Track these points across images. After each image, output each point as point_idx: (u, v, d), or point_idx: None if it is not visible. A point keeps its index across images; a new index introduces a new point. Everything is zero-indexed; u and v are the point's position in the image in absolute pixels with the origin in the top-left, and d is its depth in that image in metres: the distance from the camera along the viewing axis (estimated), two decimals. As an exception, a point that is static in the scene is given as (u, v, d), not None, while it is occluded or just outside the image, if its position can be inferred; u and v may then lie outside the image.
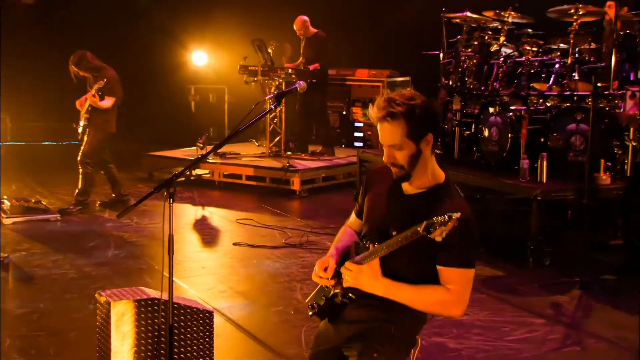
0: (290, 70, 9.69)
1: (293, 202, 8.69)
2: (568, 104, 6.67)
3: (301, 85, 3.47)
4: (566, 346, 4.44)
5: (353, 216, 3.00)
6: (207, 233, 7.13)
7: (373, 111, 2.55)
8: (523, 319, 4.88)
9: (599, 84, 6.35)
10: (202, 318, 3.86)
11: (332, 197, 8.96)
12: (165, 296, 3.51)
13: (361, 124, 11.14)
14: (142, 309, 3.70)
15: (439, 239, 2.29)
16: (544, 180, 6.33)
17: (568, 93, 6.68)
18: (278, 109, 9.95)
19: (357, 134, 11.16)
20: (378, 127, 2.56)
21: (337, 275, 2.68)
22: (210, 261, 6.23)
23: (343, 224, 3.10)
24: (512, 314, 4.99)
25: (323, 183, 9.20)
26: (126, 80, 8.22)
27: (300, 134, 10.26)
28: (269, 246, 6.67)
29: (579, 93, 6.62)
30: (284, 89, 9.80)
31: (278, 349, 4.44)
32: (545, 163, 6.32)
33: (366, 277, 2.52)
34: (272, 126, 10.04)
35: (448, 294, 2.49)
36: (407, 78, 11.21)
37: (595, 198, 5.94)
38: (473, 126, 7.35)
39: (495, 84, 7.35)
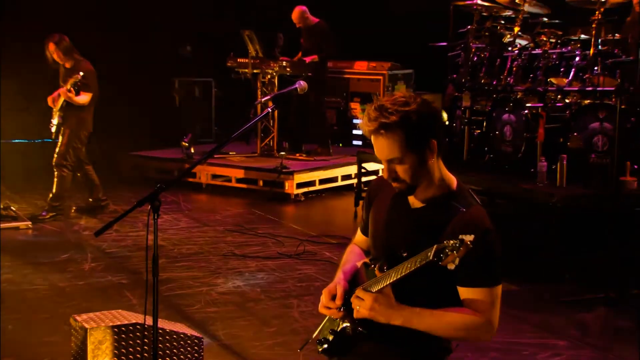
0: (284, 63, 9.51)
1: (287, 207, 8.52)
2: (590, 101, 6.52)
3: (301, 85, 3.30)
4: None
5: (359, 233, 2.85)
6: (193, 242, 6.94)
7: (364, 124, 2.38)
8: (545, 341, 4.72)
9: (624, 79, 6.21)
10: (190, 345, 3.69)
11: (330, 202, 8.79)
12: (149, 321, 3.34)
13: (360, 121, 10.95)
14: (123, 335, 3.53)
15: (451, 266, 2.14)
16: (564, 185, 6.18)
17: (590, 89, 6.52)
18: (271, 105, 9.79)
19: (355, 132, 10.99)
20: (372, 140, 2.41)
21: (347, 305, 2.49)
22: (197, 274, 6.04)
23: (342, 232, 2.95)
24: (532, 334, 4.83)
25: (320, 186, 9.03)
26: (103, 74, 8.02)
27: (294, 132, 10.08)
28: (262, 257, 6.49)
29: (602, 89, 6.46)
30: (276, 83, 9.73)
31: (274, 376, 4.28)
32: (565, 166, 6.16)
33: (381, 306, 2.34)
34: (263, 123, 9.86)
35: (474, 317, 2.33)
36: (410, 71, 11.04)
37: (621, 204, 5.78)
38: (484, 125, 7.20)
39: (508, 78, 7.19)
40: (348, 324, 2.50)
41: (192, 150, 9.50)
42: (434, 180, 2.42)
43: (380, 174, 2.69)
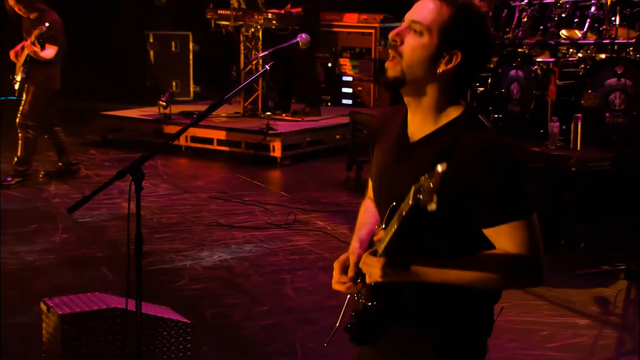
0: (270, 15, 9.12)
1: (274, 172, 8.23)
2: (606, 55, 6.24)
3: (303, 39, 2.98)
4: (621, 355, 4.07)
5: (370, 185, 2.46)
6: (174, 211, 6.64)
7: None
8: (564, 320, 4.50)
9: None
10: (177, 332, 3.42)
11: (320, 166, 8.51)
12: (131, 306, 3.06)
13: (350, 78, 10.65)
14: (101, 322, 3.26)
15: (432, 207, 1.77)
16: (578, 148, 5.93)
17: (607, 41, 6.23)
18: (254, 62, 9.44)
19: (345, 90, 10.68)
20: (418, 1, 2.09)
21: (363, 277, 2.20)
22: (180, 247, 5.76)
23: (335, 198, 2.59)
24: (550, 312, 4.61)
25: (309, 148, 8.74)
26: (71, 26, 7.62)
27: (281, 90, 9.74)
28: (249, 227, 6.21)
29: (620, 41, 6.18)
30: (260, 38, 9.36)
31: (270, 362, 4.04)
32: (580, 126, 5.91)
33: (392, 263, 2.00)
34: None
35: (513, 255, 2.00)
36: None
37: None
38: (489, 82, 6.91)
39: (517, 30, 6.89)
40: (366, 298, 2.20)
41: (170, 110, 9.14)
42: (436, 108, 2.08)
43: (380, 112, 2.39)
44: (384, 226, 2.05)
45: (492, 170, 1.94)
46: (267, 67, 2.95)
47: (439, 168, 1.74)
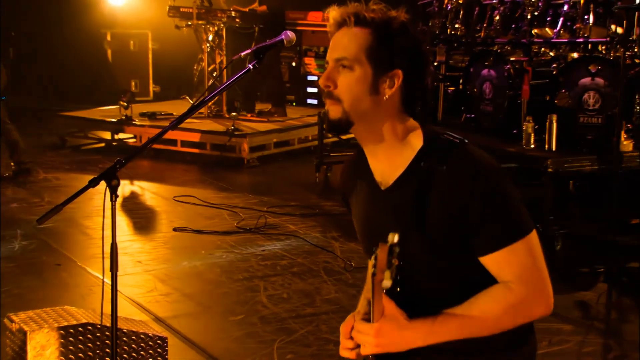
0: (233, 13, 8.93)
1: (241, 174, 8.03)
2: (580, 54, 6.19)
3: (288, 37, 2.81)
4: (609, 362, 3.99)
5: None
6: (139, 215, 6.42)
7: (334, 11, 1.93)
8: (546, 325, 4.40)
9: (618, 28, 5.90)
10: (153, 347, 3.23)
11: (288, 167, 8.34)
12: (105, 321, 2.88)
13: (315, 78, 10.48)
14: (71, 339, 3.05)
15: (387, 284, 1.66)
16: (554, 148, 5.86)
17: (580, 40, 6.18)
18: (218, 60, 9.25)
19: (310, 90, 10.52)
20: (332, 38, 1.94)
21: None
22: (145, 253, 5.54)
23: (305, 201, 2.43)
24: (532, 317, 4.51)
25: (275, 149, 8.56)
26: (27, 24, 7.34)
27: (246, 90, 9.54)
28: (219, 232, 6.02)
29: (594, 40, 6.13)
30: (224, 36, 9.15)
31: (247, 375, 3.86)
32: (555, 126, 5.84)
33: (388, 335, 1.83)
34: (211, 80, 9.29)
35: (511, 291, 1.83)
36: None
37: (616, 168, 5.50)
38: (461, 82, 6.83)
39: (489, 29, 6.81)
40: None
41: (131, 111, 8.89)
42: (394, 138, 1.91)
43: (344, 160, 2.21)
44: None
45: (475, 198, 1.79)
46: (250, 66, 2.77)
47: (391, 238, 1.63)
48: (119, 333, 3.10)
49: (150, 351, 3.22)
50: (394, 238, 1.61)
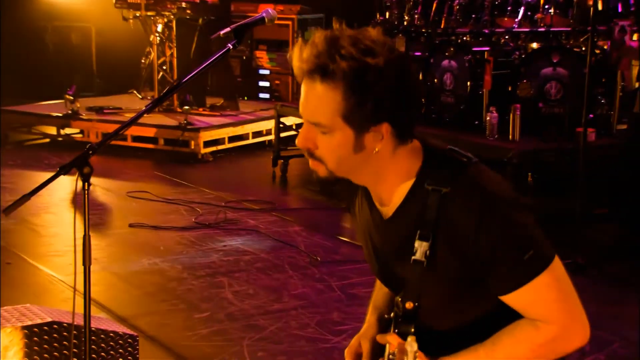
0: (184, 4, 8.73)
1: (195, 169, 7.85)
2: (542, 44, 6.20)
3: (270, 15, 2.68)
4: (587, 354, 3.95)
5: None
6: (92, 212, 6.14)
7: (296, 57, 1.66)
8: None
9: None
10: (123, 346, 3.07)
11: (243, 162, 8.18)
12: (77, 321, 2.72)
13: (267, 72, 10.33)
14: (36, 338, 2.88)
15: None
16: (517, 138, 5.85)
17: (542, 29, 6.19)
18: (169, 53, 9.04)
19: (262, 84, 10.35)
20: (302, 84, 1.69)
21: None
22: (101, 250, 5.33)
23: (263, 195, 2.27)
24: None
25: (229, 144, 8.39)
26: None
27: (196, 84, 9.34)
28: (177, 227, 5.84)
29: (556, 29, 6.15)
30: (174, 27, 8.95)
31: (218, 374, 3.72)
32: (518, 117, 5.83)
33: None
34: (160, 73, 9.08)
35: (536, 331, 1.67)
36: (320, 15, 10.48)
37: (583, 158, 5.51)
38: (420, 73, 6.78)
39: (449, 19, 6.78)
40: None
41: (78, 105, 8.61)
42: (392, 175, 1.71)
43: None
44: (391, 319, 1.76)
45: (484, 234, 1.61)
46: (230, 45, 2.64)
47: (408, 349, 1.39)
48: (82, 333, 2.93)
49: (120, 350, 3.06)
50: (413, 348, 1.40)
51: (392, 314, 1.75)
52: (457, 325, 1.76)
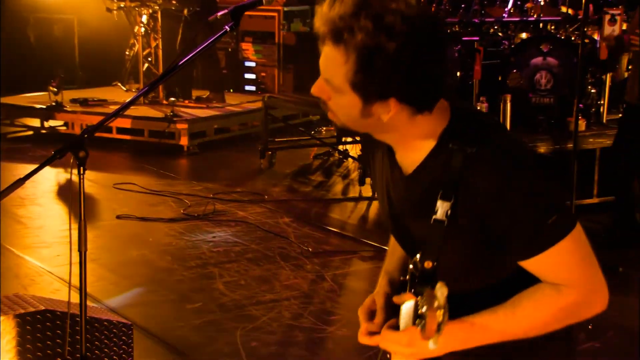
0: (170, -6, 8.66)
1: (182, 161, 7.79)
2: (532, 34, 6.21)
3: (269, -5, 2.64)
4: (582, 342, 3.96)
5: None
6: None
7: (318, 18, 1.60)
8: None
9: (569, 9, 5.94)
10: (117, 335, 3.03)
11: (229, 154, 8.13)
12: (73, 309, 2.67)
13: (253, 64, 10.29)
14: (28, 327, 2.83)
15: (431, 345, 1.41)
16: (508, 129, 5.83)
17: (532, 19, 6.19)
18: (154, 44, 8.97)
19: (248, 76, 10.31)
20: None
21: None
22: (89, 242, 5.22)
23: (251, 187, 2.22)
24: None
25: (216, 136, 8.33)
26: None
27: (182, 76, 9.27)
28: (165, 219, 5.80)
29: (545, 19, 6.16)
30: (159, 19, 8.87)
31: (212, 364, 3.69)
32: (509, 107, 5.83)
33: (419, 342, 1.61)
34: (146, 65, 9.00)
35: (558, 295, 1.64)
36: (306, 7, 10.44)
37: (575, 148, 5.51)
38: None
39: (438, 9, 6.76)
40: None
41: (62, 97, 8.53)
42: (412, 137, 1.66)
43: None
44: (407, 281, 1.69)
45: (508, 196, 1.56)
46: (227, 27, 2.60)
47: (438, 294, 1.34)
48: (78, 320, 2.89)
49: (114, 339, 3.01)
50: (443, 293, 1.36)
51: (407, 276, 1.71)
52: (475, 287, 1.72)
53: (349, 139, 8.11)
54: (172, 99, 8.18)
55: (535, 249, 1.61)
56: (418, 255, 1.61)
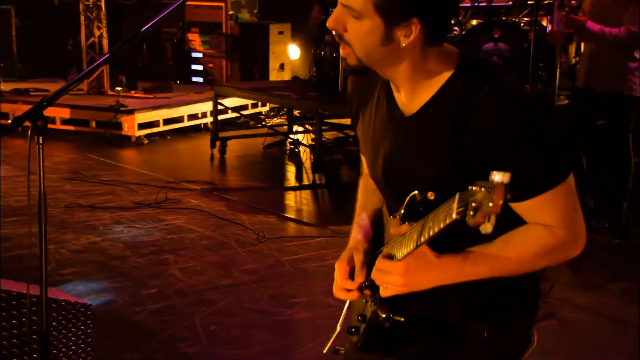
0: (115, -18, 8.51)
1: (130, 152, 7.65)
2: (483, 19, 6.27)
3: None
4: (539, 320, 4.00)
5: (364, 160, 2.03)
6: (22, 194, 5.96)
7: None
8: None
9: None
10: (75, 315, 2.96)
11: (179, 145, 8.03)
12: (32, 290, 2.60)
13: (200, 54, 10.18)
14: (-17, 308, 2.74)
15: (488, 229, 1.37)
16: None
17: (483, 4, 6.25)
18: (98, 33, 8.80)
19: (195, 67, 10.19)
20: None
21: (372, 282, 1.77)
22: (37, 231, 5.12)
23: (203, 176, 2.19)
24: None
25: (164, 127, 8.21)
26: None
27: (128, 66, 9.12)
28: (116, 207, 5.69)
29: (496, 4, 6.23)
30: (103, 8, 8.71)
31: (173, 348, 3.61)
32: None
33: (416, 272, 1.66)
34: (90, 55, 8.83)
35: (550, 234, 1.67)
36: (255, -5, 10.38)
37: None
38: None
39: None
40: (379, 312, 1.77)
41: (1, 88, 8.31)
42: (421, 73, 1.67)
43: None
44: (399, 217, 1.67)
45: (515, 138, 1.57)
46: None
47: (497, 177, 1.33)
48: (38, 301, 2.80)
49: (72, 320, 2.93)
50: (506, 178, 1.33)
51: (400, 212, 1.69)
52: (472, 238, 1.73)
53: (300, 129, 8.10)
54: (118, 88, 8.04)
55: (539, 188, 1.63)
56: (417, 191, 1.61)
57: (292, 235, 5.19)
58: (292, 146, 7.67)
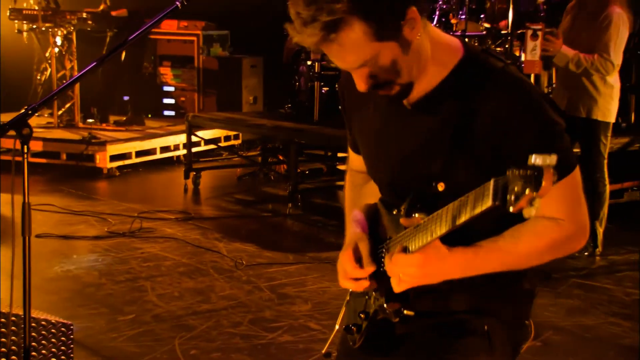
0: (85, 15, 8.49)
1: (102, 183, 7.58)
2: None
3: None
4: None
5: (353, 154, 2.05)
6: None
7: (298, 32, 1.56)
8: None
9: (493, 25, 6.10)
10: (56, 335, 2.90)
11: (152, 176, 7.97)
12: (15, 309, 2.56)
13: (172, 88, 10.17)
14: (-39, 326, 2.68)
15: (529, 213, 1.33)
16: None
17: (458, 34, 6.34)
18: (69, 66, 8.76)
19: (166, 101, 10.16)
20: (322, 49, 1.65)
21: (377, 273, 1.77)
22: (9, 260, 5.03)
23: (178, 206, 2.19)
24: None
25: (137, 159, 8.16)
26: None
27: (101, 98, 9.07)
28: (89, 237, 5.62)
29: (471, 34, 6.32)
30: (74, 40, 8.69)
31: (152, 372, 3.56)
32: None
33: (432, 265, 1.64)
34: (61, 87, 8.75)
35: (558, 227, 1.69)
36: (226, 32, 10.43)
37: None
38: (337, 84, 6.80)
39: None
40: (385, 306, 1.74)
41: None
42: (427, 60, 1.68)
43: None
44: (404, 210, 1.70)
45: (522, 128, 1.61)
46: (178, 3, 2.55)
47: (540, 160, 1.29)
48: (18, 320, 2.76)
49: (52, 340, 2.88)
50: (553, 160, 1.29)
51: (406, 204, 1.69)
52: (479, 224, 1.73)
53: (274, 160, 8.10)
54: (90, 120, 7.99)
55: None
56: (427, 184, 1.61)
57: (270, 261, 5.15)
58: (268, 174, 7.67)
